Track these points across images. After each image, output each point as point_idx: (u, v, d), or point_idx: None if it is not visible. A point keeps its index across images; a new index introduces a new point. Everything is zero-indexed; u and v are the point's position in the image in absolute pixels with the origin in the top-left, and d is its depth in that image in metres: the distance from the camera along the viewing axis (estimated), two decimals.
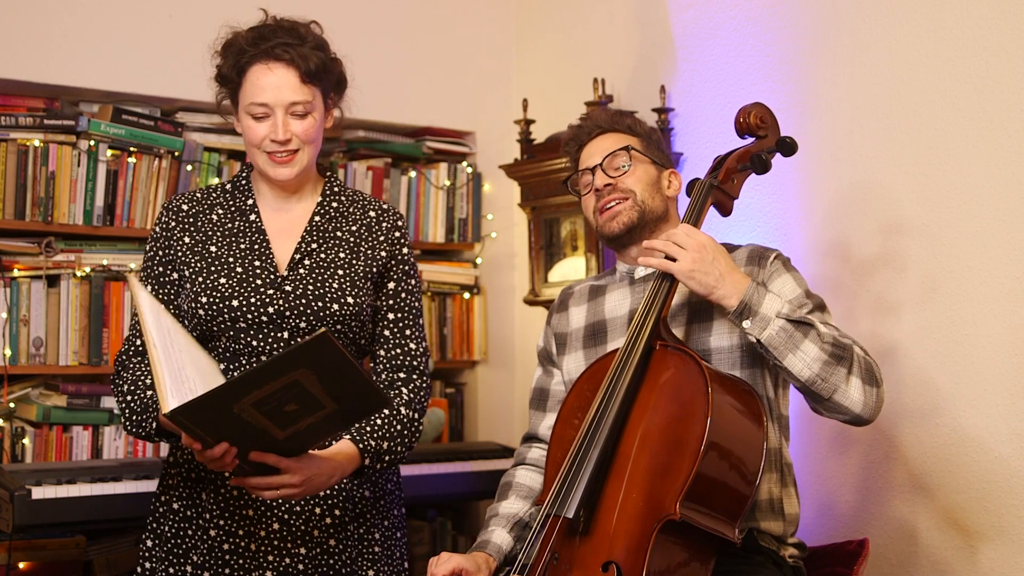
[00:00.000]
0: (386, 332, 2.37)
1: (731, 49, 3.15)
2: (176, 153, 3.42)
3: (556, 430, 2.22)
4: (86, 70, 3.29)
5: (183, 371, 2.02)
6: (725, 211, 2.28)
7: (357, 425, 2.26)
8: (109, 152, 3.33)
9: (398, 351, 2.37)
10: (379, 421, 2.27)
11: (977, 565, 2.52)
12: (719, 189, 2.25)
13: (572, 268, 3.43)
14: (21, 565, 3.06)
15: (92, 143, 3.30)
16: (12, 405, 3.20)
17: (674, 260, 2.12)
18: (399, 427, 2.30)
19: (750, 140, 2.29)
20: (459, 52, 3.90)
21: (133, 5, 3.37)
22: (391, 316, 2.38)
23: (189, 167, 3.43)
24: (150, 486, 2.83)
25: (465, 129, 3.93)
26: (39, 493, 2.73)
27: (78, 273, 3.27)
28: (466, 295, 3.87)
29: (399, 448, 2.30)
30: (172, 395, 1.93)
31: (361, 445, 2.24)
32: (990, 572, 2.50)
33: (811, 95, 2.89)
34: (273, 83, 2.26)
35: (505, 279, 3.94)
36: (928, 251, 2.61)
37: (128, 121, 3.33)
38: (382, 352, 2.37)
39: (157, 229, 2.36)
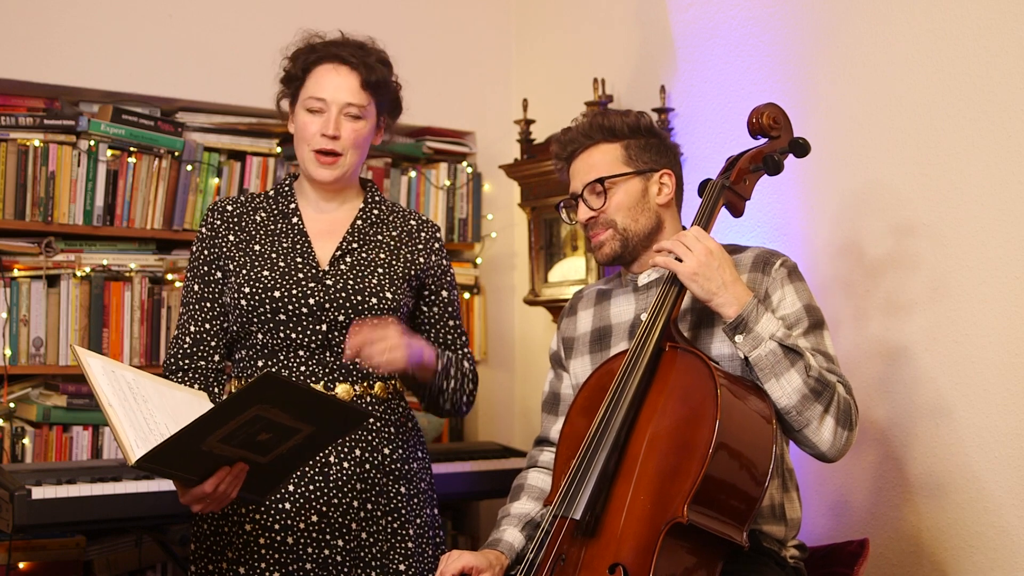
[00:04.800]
0: (448, 337, 2.51)
1: (731, 49, 3.15)
2: (176, 153, 3.42)
3: (564, 430, 2.22)
4: (86, 70, 3.29)
5: (152, 419, 2.03)
6: (737, 212, 2.28)
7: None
8: (109, 152, 3.33)
9: (462, 352, 2.51)
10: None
11: (977, 566, 2.52)
12: (731, 190, 2.24)
13: (572, 268, 3.44)
14: (21, 565, 3.06)
15: (92, 143, 3.29)
16: (12, 405, 3.20)
17: (681, 261, 2.13)
18: (467, 366, 2.48)
19: (762, 140, 2.28)
20: (459, 52, 3.90)
21: (133, 5, 3.37)
22: (451, 323, 2.52)
23: (189, 167, 3.43)
24: (150, 486, 2.83)
25: (465, 129, 3.93)
26: (39, 493, 2.72)
27: (78, 273, 3.27)
28: (466, 295, 3.87)
29: (466, 383, 2.44)
30: (137, 445, 1.94)
31: (437, 352, 2.38)
32: (990, 572, 2.50)
33: (811, 95, 2.89)
34: (335, 82, 2.38)
35: (505, 279, 3.94)
36: (931, 251, 2.61)
37: (128, 121, 3.33)
38: (462, 357, 2.50)
39: (204, 230, 2.44)
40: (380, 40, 2.52)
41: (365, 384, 2.38)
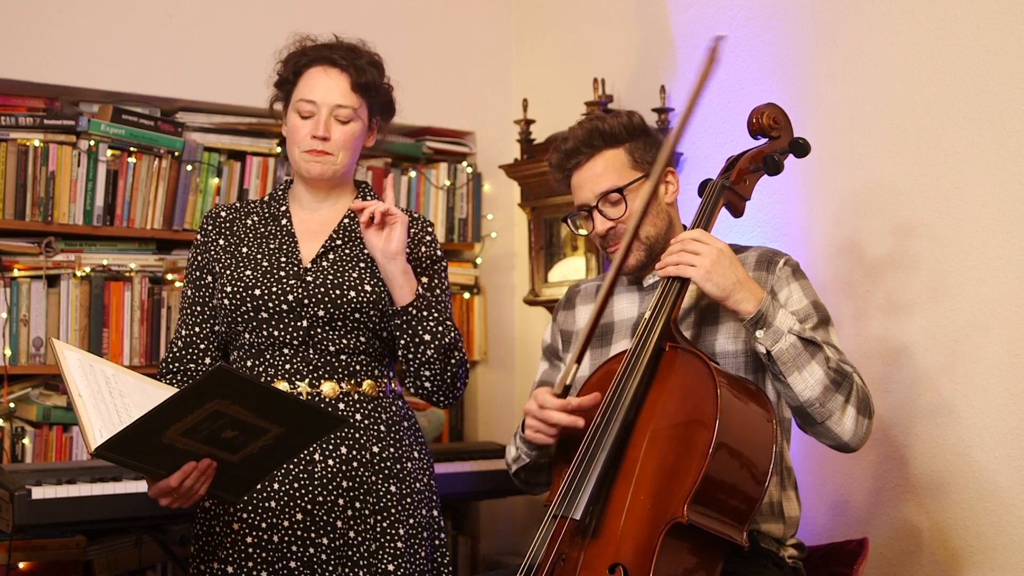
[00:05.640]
0: None
1: (731, 49, 3.15)
2: (176, 153, 3.42)
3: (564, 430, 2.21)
4: (86, 70, 3.29)
5: (126, 412, 2.02)
6: (737, 212, 2.27)
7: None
8: (109, 152, 3.32)
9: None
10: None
11: (977, 565, 2.52)
12: (731, 190, 2.23)
13: (572, 268, 3.44)
14: (21, 565, 3.06)
15: (92, 143, 3.29)
16: (12, 405, 3.20)
17: (691, 266, 2.11)
18: (447, 327, 2.38)
19: (763, 141, 2.27)
20: (459, 52, 3.90)
21: (133, 5, 3.37)
22: None
23: (189, 167, 3.43)
24: None
25: (465, 129, 3.93)
26: (39, 493, 2.72)
27: (78, 273, 3.27)
28: (466, 295, 3.87)
29: (445, 331, 2.36)
30: (100, 434, 1.94)
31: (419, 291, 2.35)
32: (990, 572, 2.50)
33: (811, 95, 2.89)
34: (325, 84, 2.39)
35: (505, 279, 3.94)
36: (931, 251, 2.62)
37: (128, 121, 3.33)
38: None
39: (199, 236, 2.47)
40: (380, 40, 2.52)
41: (352, 382, 2.38)
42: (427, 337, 2.35)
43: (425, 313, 2.35)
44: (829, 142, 2.83)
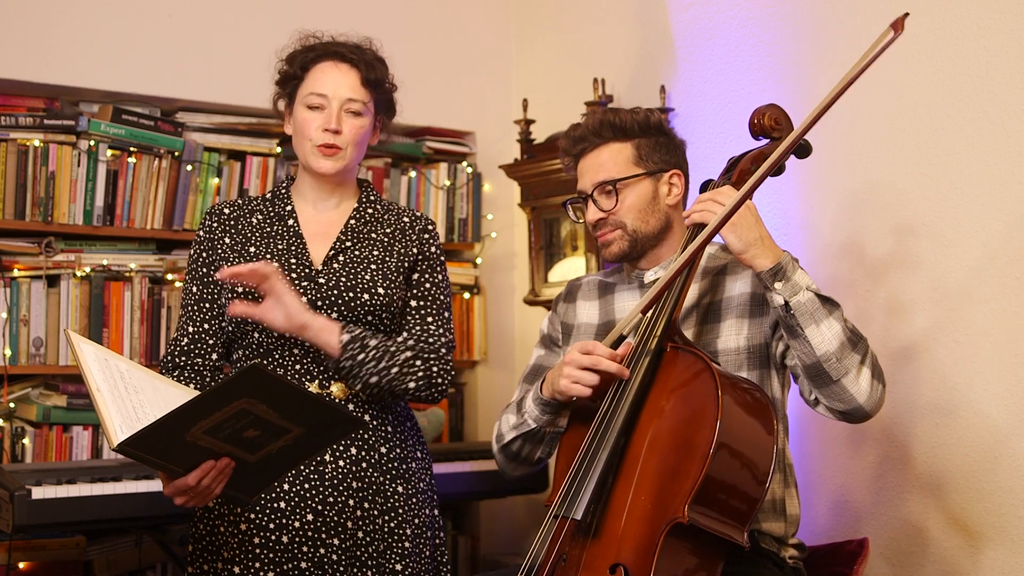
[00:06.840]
0: (408, 318, 2.44)
1: (731, 49, 3.15)
2: (176, 153, 3.42)
3: (565, 431, 2.22)
4: (86, 70, 3.29)
5: (141, 408, 2.02)
6: None
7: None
8: (109, 152, 3.33)
9: (417, 330, 2.42)
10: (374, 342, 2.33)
11: (978, 565, 2.52)
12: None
13: (572, 268, 3.44)
14: (21, 565, 3.06)
15: (92, 143, 3.29)
16: (12, 405, 3.20)
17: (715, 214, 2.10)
18: (392, 352, 2.33)
19: (764, 141, 2.27)
20: (459, 52, 3.90)
21: (133, 5, 3.37)
22: (412, 304, 2.45)
23: (189, 167, 3.43)
24: (150, 486, 2.83)
25: (465, 129, 3.93)
26: (39, 493, 2.72)
27: (78, 273, 3.27)
28: (466, 295, 3.87)
29: (395, 359, 2.32)
30: (121, 430, 1.94)
31: (345, 328, 2.30)
32: (991, 571, 2.50)
33: (811, 95, 2.89)
34: (336, 78, 2.40)
35: (505, 279, 3.94)
36: (931, 251, 2.62)
37: (128, 121, 3.33)
38: (404, 335, 2.42)
39: (201, 233, 2.46)
40: (380, 40, 2.53)
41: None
42: (373, 379, 2.33)
43: (361, 357, 2.31)
44: (829, 142, 2.82)
